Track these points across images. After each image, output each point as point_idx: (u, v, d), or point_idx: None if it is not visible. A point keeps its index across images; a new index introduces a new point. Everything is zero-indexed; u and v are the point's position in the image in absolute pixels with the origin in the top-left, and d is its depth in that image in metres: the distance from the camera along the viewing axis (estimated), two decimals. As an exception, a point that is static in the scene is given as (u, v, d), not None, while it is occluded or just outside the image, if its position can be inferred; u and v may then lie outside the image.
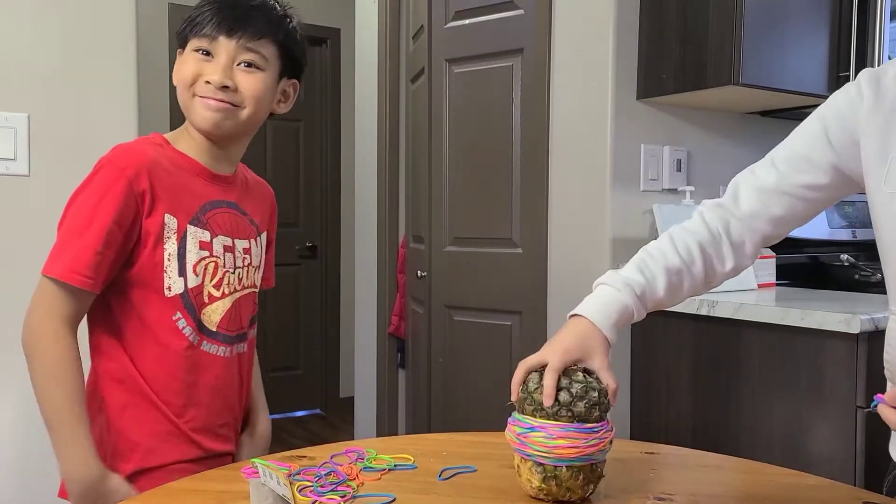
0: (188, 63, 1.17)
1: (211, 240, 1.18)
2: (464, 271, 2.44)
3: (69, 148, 1.75)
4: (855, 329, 1.53)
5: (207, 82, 1.15)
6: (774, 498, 1.00)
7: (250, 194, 1.30)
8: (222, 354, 1.21)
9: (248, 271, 1.24)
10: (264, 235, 1.32)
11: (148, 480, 1.13)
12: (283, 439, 3.86)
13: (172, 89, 1.22)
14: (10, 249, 1.70)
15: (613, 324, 1.01)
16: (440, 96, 2.49)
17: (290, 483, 0.98)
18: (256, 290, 1.29)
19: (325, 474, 1.02)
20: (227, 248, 1.20)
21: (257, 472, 0.96)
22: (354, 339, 3.48)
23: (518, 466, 0.96)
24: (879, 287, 2.07)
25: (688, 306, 1.86)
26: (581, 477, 0.92)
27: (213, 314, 1.18)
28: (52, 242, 1.72)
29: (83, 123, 1.76)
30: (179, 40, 1.19)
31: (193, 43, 1.16)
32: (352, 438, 3.49)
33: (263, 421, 1.35)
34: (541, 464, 0.92)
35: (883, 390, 0.92)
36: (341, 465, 1.06)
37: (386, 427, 3.20)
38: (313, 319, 4.52)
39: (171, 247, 1.13)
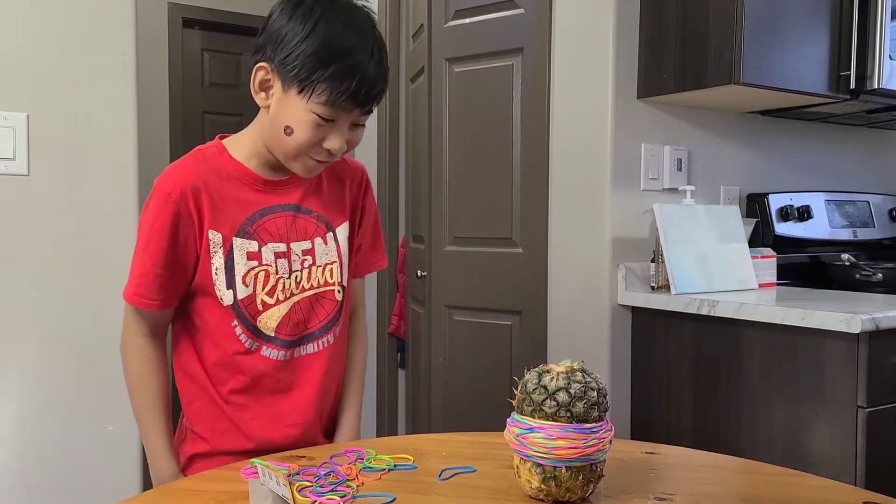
0: (309, 124, 1.10)
1: (259, 249, 1.17)
2: (464, 271, 2.44)
3: (68, 148, 1.74)
4: (856, 329, 1.53)
5: (328, 150, 1.13)
6: (774, 498, 1.00)
7: (322, 187, 1.25)
8: (281, 358, 1.21)
9: (310, 272, 1.22)
10: (343, 228, 1.26)
11: (201, 464, 1.22)
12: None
13: (172, 89, 1.21)
14: (10, 249, 1.70)
15: None
16: (440, 96, 2.49)
17: (290, 483, 0.97)
18: (333, 287, 1.25)
19: (325, 474, 1.02)
20: (279, 255, 1.19)
21: (256, 473, 0.96)
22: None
23: (517, 467, 0.95)
24: (880, 287, 2.07)
25: (688, 306, 1.86)
26: (581, 477, 0.92)
27: (269, 320, 1.19)
28: (52, 242, 1.73)
29: (82, 123, 1.76)
30: (286, 70, 1.09)
31: (318, 107, 1.09)
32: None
33: (346, 425, 1.34)
34: (540, 464, 0.92)
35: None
36: (341, 466, 1.06)
37: (386, 427, 3.20)
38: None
39: (217, 261, 1.15)
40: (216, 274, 1.16)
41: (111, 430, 1.79)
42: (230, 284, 1.16)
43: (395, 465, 1.07)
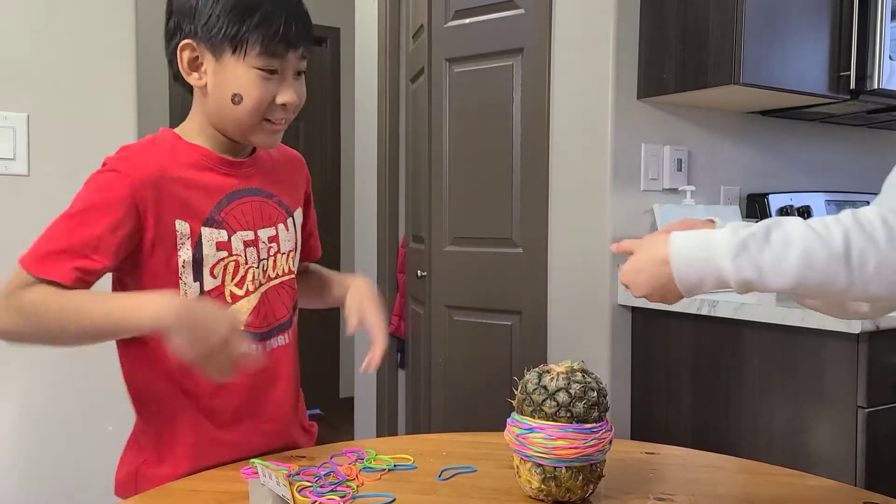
0: (254, 82, 1.06)
1: (229, 238, 1.10)
2: (464, 271, 2.44)
3: (68, 148, 1.74)
4: (855, 329, 1.53)
5: (283, 105, 1.08)
6: (774, 498, 1.00)
7: (278, 171, 1.21)
8: (256, 352, 1.13)
9: (275, 260, 1.16)
10: (298, 213, 1.23)
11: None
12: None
13: (172, 88, 1.20)
14: (9, 249, 1.70)
15: None
16: (440, 96, 2.48)
17: (290, 483, 0.97)
18: (293, 275, 1.21)
19: (325, 475, 1.02)
20: (248, 243, 1.12)
21: (256, 473, 0.96)
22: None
23: (517, 467, 0.95)
24: (880, 287, 2.07)
25: (688, 306, 1.86)
26: (581, 477, 0.92)
27: (240, 314, 1.12)
28: (52, 242, 1.72)
29: (83, 123, 1.76)
30: (211, 41, 1.05)
31: (257, 60, 1.05)
32: (352, 438, 3.48)
33: (354, 279, 1.27)
34: (540, 465, 0.92)
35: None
36: (341, 466, 1.06)
37: (386, 427, 3.20)
38: (313, 318, 4.51)
39: (185, 253, 1.07)
40: (183, 267, 1.07)
41: (111, 430, 1.79)
42: (197, 276, 1.08)
43: (395, 466, 1.07)
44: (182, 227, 1.07)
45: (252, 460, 1.01)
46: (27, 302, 0.99)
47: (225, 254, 1.10)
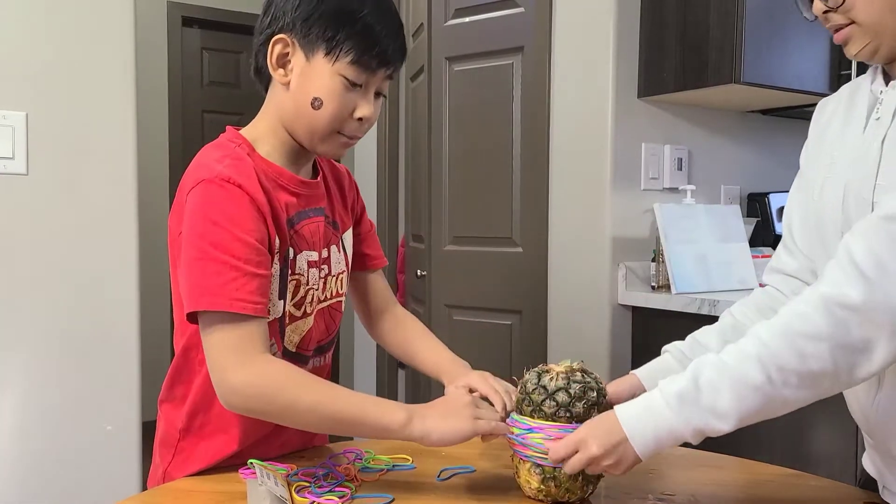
0: (338, 90, 1.03)
1: (295, 257, 1.07)
2: (464, 271, 2.44)
3: (67, 147, 1.74)
4: (856, 328, 1.52)
5: (359, 120, 1.05)
6: (774, 498, 0.99)
7: (331, 190, 1.17)
8: None
9: (325, 282, 1.13)
10: (348, 234, 1.19)
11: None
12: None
13: (171, 88, 1.18)
14: (9, 248, 1.70)
15: None
16: (440, 94, 2.48)
17: (288, 484, 0.97)
18: (342, 298, 1.18)
19: (323, 475, 1.02)
20: (311, 264, 1.09)
21: (255, 473, 0.95)
22: (354, 338, 3.48)
23: (517, 468, 0.95)
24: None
25: (688, 306, 1.86)
26: (580, 478, 0.92)
27: (293, 334, 1.09)
28: (51, 241, 1.72)
29: (81, 122, 1.75)
30: (308, 38, 1.02)
31: (347, 69, 1.02)
32: (351, 438, 3.48)
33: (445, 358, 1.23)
34: (540, 465, 0.91)
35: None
36: (339, 466, 1.06)
37: (386, 426, 3.19)
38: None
39: (275, 267, 1.03)
40: (272, 282, 1.03)
41: (110, 430, 1.79)
42: (282, 294, 1.05)
43: (393, 466, 1.07)
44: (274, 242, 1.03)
45: (250, 461, 1.00)
46: (266, 365, 0.96)
47: (290, 272, 1.07)
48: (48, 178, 1.72)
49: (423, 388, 2.62)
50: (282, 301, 1.05)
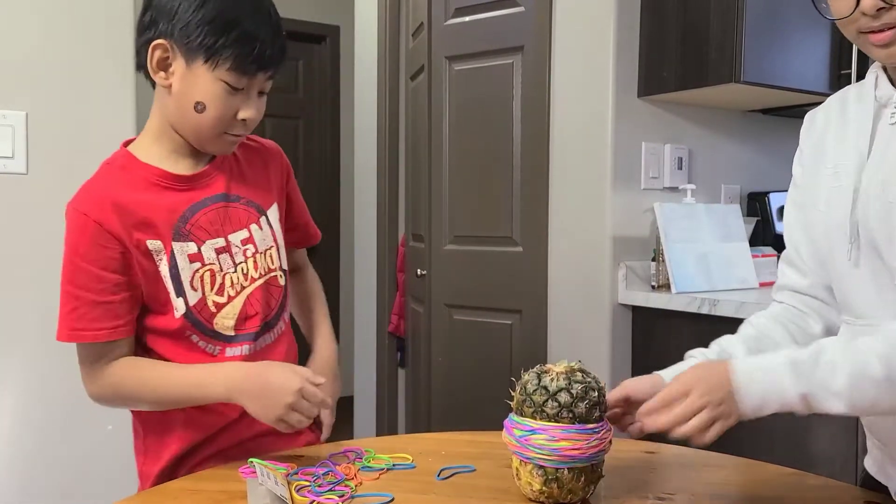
0: (219, 94, 1.07)
1: (199, 249, 1.11)
2: (464, 270, 2.44)
3: (67, 146, 1.74)
4: (856, 328, 1.52)
5: (243, 121, 1.10)
6: (775, 497, 0.99)
7: (244, 171, 1.21)
8: (247, 353, 1.15)
9: (254, 260, 1.17)
10: (273, 210, 1.23)
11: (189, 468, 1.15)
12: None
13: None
14: (9, 248, 1.70)
15: None
16: (440, 94, 2.48)
17: (288, 483, 0.97)
18: (276, 272, 1.21)
19: (323, 474, 1.02)
20: (219, 250, 1.13)
21: (255, 472, 0.95)
22: (354, 337, 3.48)
23: (517, 470, 0.95)
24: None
25: (689, 305, 1.86)
26: (583, 478, 0.92)
27: (225, 320, 1.14)
28: (51, 240, 1.72)
29: (81, 122, 1.75)
30: (188, 45, 1.05)
31: (226, 74, 1.06)
32: (351, 437, 3.48)
33: (321, 346, 1.30)
34: (542, 467, 0.91)
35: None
36: (339, 465, 1.05)
37: (385, 426, 3.20)
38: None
39: (164, 269, 1.09)
40: (164, 284, 1.10)
41: (111, 430, 1.79)
42: (179, 292, 1.10)
43: (393, 465, 1.07)
44: (154, 244, 1.09)
45: (250, 460, 1.01)
46: (108, 380, 1.10)
47: (198, 265, 1.12)
48: (48, 177, 1.72)
49: (423, 389, 2.62)
50: (181, 298, 1.11)
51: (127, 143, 1.17)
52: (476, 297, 2.40)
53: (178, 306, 1.10)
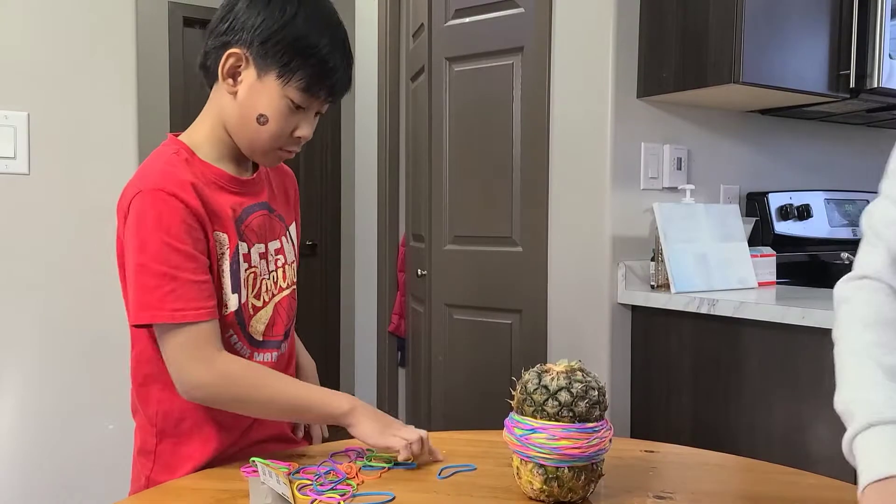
0: (283, 110, 1.09)
1: (249, 250, 1.14)
2: (464, 270, 2.44)
3: (69, 147, 1.74)
4: (855, 328, 1.53)
5: (299, 138, 1.13)
6: (774, 496, 1.00)
7: (274, 186, 1.25)
8: (271, 360, 1.17)
9: (283, 271, 1.20)
10: (293, 227, 1.27)
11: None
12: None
13: (172, 88, 1.20)
14: (10, 248, 1.70)
15: None
16: (440, 95, 2.49)
17: (290, 482, 0.98)
18: (295, 286, 1.24)
19: (325, 473, 1.02)
20: (261, 256, 1.16)
21: (257, 471, 0.96)
22: (354, 337, 3.49)
23: (517, 469, 0.95)
24: (880, 286, 2.07)
25: (688, 305, 1.86)
26: (583, 477, 0.92)
27: (258, 324, 1.15)
28: (52, 241, 1.73)
29: (83, 122, 1.76)
30: (262, 56, 1.07)
31: (296, 94, 1.09)
32: (352, 437, 3.49)
33: (306, 360, 1.36)
34: (542, 465, 0.92)
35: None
36: (341, 464, 1.06)
37: (386, 425, 3.20)
38: (313, 318, 4.51)
39: (224, 264, 1.10)
40: (223, 278, 1.10)
41: (112, 429, 1.79)
42: (235, 288, 1.11)
43: (394, 464, 1.07)
44: (221, 237, 1.10)
45: (252, 458, 1.01)
46: (223, 368, 1.05)
47: (247, 265, 1.14)
48: (50, 177, 1.73)
49: (424, 388, 2.63)
50: (235, 295, 1.11)
51: (176, 135, 1.17)
52: (476, 296, 2.41)
53: (232, 302, 1.11)
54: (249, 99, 1.10)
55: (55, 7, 1.72)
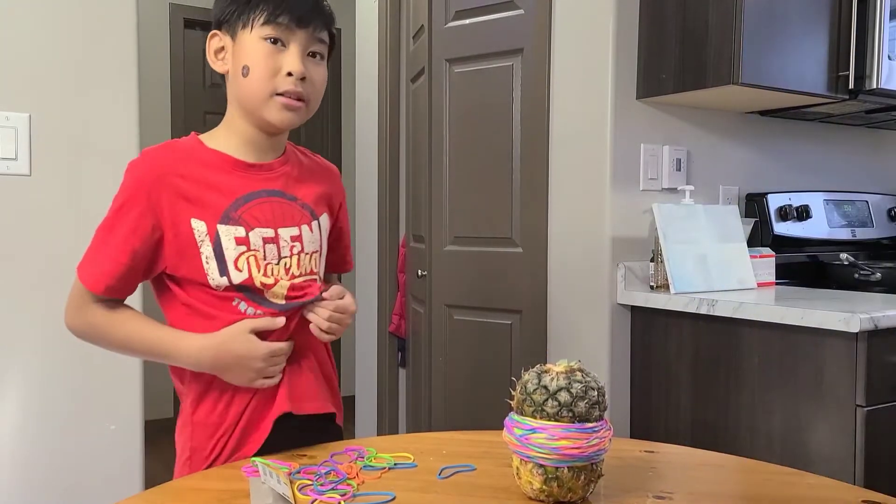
0: (261, 52, 1.13)
1: (247, 234, 1.14)
2: (464, 270, 2.45)
3: (70, 148, 1.75)
4: (854, 328, 1.53)
5: (289, 73, 1.13)
6: (773, 497, 1.00)
7: (305, 178, 1.25)
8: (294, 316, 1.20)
9: (299, 259, 1.20)
10: (324, 218, 1.27)
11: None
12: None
13: (173, 89, 1.22)
14: (11, 249, 1.71)
15: None
16: (440, 96, 2.49)
17: (290, 482, 0.98)
18: (315, 276, 1.23)
19: (325, 473, 1.03)
20: (267, 240, 1.16)
21: (257, 471, 0.96)
22: (355, 338, 3.49)
23: (517, 469, 0.95)
24: (879, 286, 2.08)
25: (687, 305, 1.87)
26: (582, 477, 0.93)
27: (280, 289, 1.17)
28: (54, 241, 1.73)
29: (84, 123, 1.76)
30: (229, 23, 1.15)
31: (263, 30, 1.12)
32: (352, 437, 3.49)
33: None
34: (542, 465, 0.92)
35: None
36: (341, 464, 1.06)
37: (386, 426, 3.20)
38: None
39: (206, 249, 1.13)
40: (207, 262, 1.13)
41: (113, 429, 1.80)
42: (223, 271, 1.13)
43: (395, 464, 1.08)
44: (198, 224, 1.13)
45: (253, 458, 1.02)
46: (90, 319, 1.17)
47: (244, 248, 1.15)
48: (51, 179, 1.73)
49: (424, 389, 2.63)
50: (224, 277, 1.13)
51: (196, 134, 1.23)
52: (476, 297, 2.41)
53: (221, 284, 1.14)
54: (234, 63, 1.16)
55: (57, 9, 1.73)
